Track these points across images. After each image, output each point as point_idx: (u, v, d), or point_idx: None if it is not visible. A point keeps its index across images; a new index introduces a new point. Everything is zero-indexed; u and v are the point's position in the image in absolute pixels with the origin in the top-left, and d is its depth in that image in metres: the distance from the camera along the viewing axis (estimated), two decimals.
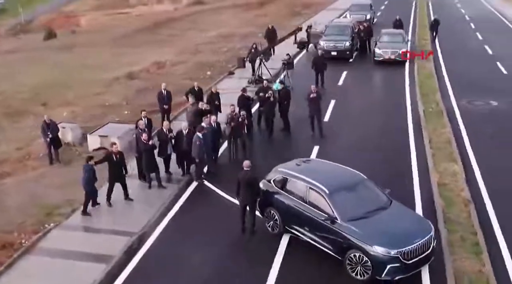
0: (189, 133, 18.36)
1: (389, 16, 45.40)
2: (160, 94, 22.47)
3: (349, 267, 12.87)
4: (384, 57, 33.21)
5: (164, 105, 22.33)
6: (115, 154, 16.73)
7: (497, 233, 14.69)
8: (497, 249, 13.98)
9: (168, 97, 22.47)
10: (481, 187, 17.24)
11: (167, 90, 22.55)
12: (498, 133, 21.71)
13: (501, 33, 44.89)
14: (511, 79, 30.02)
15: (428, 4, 63.42)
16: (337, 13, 55.72)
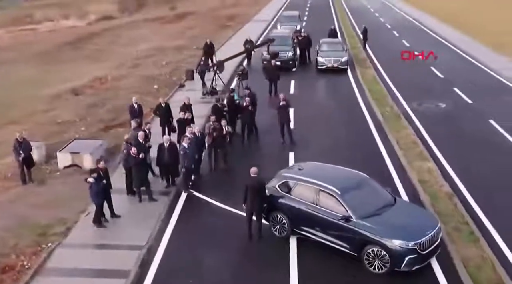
0: (170, 145, 18.44)
1: (315, 26, 46.87)
2: (131, 108, 22.33)
3: (367, 262, 13.49)
4: (327, 66, 34.46)
5: (136, 118, 22.16)
6: (101, 170, 16.55)
7: (484, 221, 15.82)
8: (489, 235, 15.06)
9: (139, 110, 22.36)
10: (458, 182, 18.45)
11: (138, 104, 22.42)
12: (454, 132, 23.25)
13: (423, 39, 47.52)
14: (447, 81, 31.91)
15: (348, 14, 65.87)
16: (263, 25, 56.90)
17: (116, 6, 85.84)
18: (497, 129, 23.47)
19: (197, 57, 40.43)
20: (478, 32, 47.47)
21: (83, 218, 16.71)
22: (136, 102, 22.44)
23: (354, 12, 67.80)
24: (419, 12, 65.67)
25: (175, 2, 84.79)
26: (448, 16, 58.47)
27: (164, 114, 21.41)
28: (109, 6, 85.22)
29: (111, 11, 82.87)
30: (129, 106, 22.57)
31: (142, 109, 22.71)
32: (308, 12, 66.63)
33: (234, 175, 19.65)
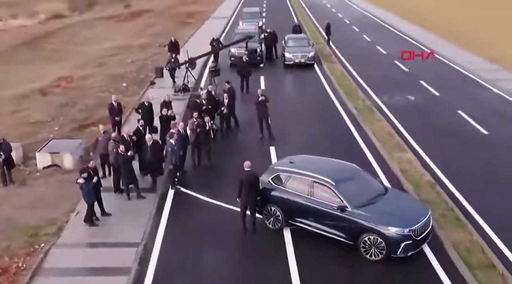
0: (153, 144, 18.49)
1: (275, 22, 47.18)
2: (111, 106, 22.20)
3: (364, 250, 13.94)
4: (295, 61, 34.92)
5: (115, 117, 22.11)
6: (92, 170, 16.52)
7: (468, 208, 16.49)
8: (475, 221, 15.73)
9: (119, 109, 22.26)
10: (437, 171, 19.10)
11: (118, 102, 22.32)
12: (427, 124, 24.03)
13: (382, 34, 48.53)
14: (412, 75, 32.80)
15: (306, 10, 66.55)
16: (224, 22, 57.03)
17: (66, 5, 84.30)
18: (466, 120, 24.34)
19: (162, 55, 40.47)
20: (438, 29, 48.66)
21: (74, 218, 16.63)
22: (116, 100, 22.33)
23: (311, 8, 68.55)
24: (376, 7, 66.85)
25: (128, 0, 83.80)
26: (406, 12, 59.72)
27: (146, 113, 21.36)
28: (58, 5, 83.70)
29: (61, 9, 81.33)
30: (109, 105, 22.43)
31: (121, 108, 22.62)
32: (266, 8, 66.94)
33: (218, 171, 19.90)
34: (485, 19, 51.40)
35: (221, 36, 47.51)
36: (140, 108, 21.84)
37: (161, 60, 38.99)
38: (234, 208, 16.67)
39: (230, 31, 48.88)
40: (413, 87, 29.85)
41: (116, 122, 22.20)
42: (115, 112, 22.06)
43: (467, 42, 41.23)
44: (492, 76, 31.84)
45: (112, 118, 22.19)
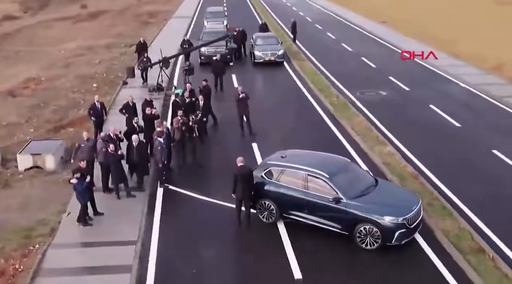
0: (139, 144, 18.56)
1: (238, 21, 47.39)
2: (93, 106, 22.04)
3: (359, 240, 14.39)
4: (265, 59, 35.30)
5: (97, 118, 21.94)
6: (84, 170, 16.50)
7: (452, 197, 17.12)
8: (459, 209, 16.38)
9: (102, 109, 22.09)
10: (418, 163, 19.75)
11: (100, 102, 22.16)
12: (402, 117, 24.77)
13: (346, 32, 49.29)
14: (381, 71, 33.56)
15: (267, 8, 66.98)
16: (187, 21, 56.99)
17: (17, 6, 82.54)
18: (439, 113, 25.15)
19: (129, 55, 40.33)
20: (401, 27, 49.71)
21: (66, 218, 16.55)
22: (98, 100, 22.17)
23: (272, 6, 69.01)
24: (336, 6, 67.72)
25: (82, 1, 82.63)
26: (367, 11, 60.71)
27: (131, 114, 21.34)
28: (9, 6, 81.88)
29: (13, 10, 79.58)
30: (91, 105, 22.26)
31: (104, 107, 22.43)
32: (226, 8, 66.96)
33: (204, 168, 20.12)
34: (442, 16, 52.67)
35: (186, 35, 47.56)
36: (124, 108, 21.75)
37: (128, 60, 38.91)
38: (225, 204, 17.01)
39: (195, 30, 49.04)
40: (384, 83, 30.58)
41: (99, 123, 21.99)
42: (98, 112, 21.88)
43: (430, 39, 42.26)
44: (458, 71, 32.87)
45: (97, 119, 21.93)
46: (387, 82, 30.93)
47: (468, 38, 40.88)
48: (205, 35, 37.14)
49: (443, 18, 47.95)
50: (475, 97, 28.02)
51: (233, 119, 23.79)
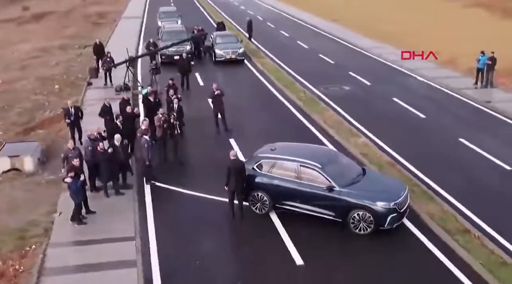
0: (122, 144, 18.71)
1: (190, 21, 47.62)
2: (67, 111, 21.68)
3: (353, 226, 15.08)
4: (226, 57, 35.76)
5: (73, 122, 21.59)
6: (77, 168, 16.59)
7: (430, 182, 18.07)
8: (439, 193, 17.33)
9: (76, 113, 21.66)
10: (392, 152, 20.66)
11: (75, 106, 21.80)
12: (369, 110, 25.74)
13: (298, 30, 50.15)
14: (339, 67, 34.60)
15: (216, 8, 67.26)
16: (138, 21, 56.74)
17: None
18: (403, 106, 26.26)
19: (85, 57, 40.04)
20: (350, 23, 51.02)
21: (58, 218, 16.55)
22: (72, 106, 21.69)
23: (220, 5, 69.36)
24: (283, 4, 68.61)
25: (23, 2, 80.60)
26: (316, 9, 61.83)
27: (111, 115, 21.38)
28: None
29: None
30: (64, 110, 21.83)
31: (80, 111, 22.04)
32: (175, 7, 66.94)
33: (186, 164, 20.40)
34: (388, 12, 54.19)
35: (140, 35, 47.58)
36: (103, 111, 21.66)
37: (86, 61, 38.62)
38: (213, 197, 17.50)
39: (148, 30, 48.99)
40: (345, 78, 31.55)
41: (75, 127, 21.67)
42: (71, 115, 21.49)
43: (379, 35, 43.59)
44: (413, 65, 34.17)
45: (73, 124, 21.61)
46: (348, 77, 31.90)
47: (418, 34, 42.36)
48: (165, 35, 37.29)
49: (393, 15, 49.43)
50: (434, 89, 29.32)
51: (205, 117, 24.19)
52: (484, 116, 24.98)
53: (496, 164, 19.48)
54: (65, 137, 23.17)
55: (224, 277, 13.66)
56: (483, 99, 26.95)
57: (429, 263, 13.88)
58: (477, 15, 41.71)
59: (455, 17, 43.10)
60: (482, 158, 20.09)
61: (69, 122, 21.71)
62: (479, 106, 26.25)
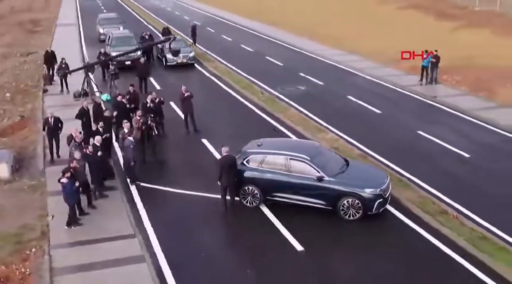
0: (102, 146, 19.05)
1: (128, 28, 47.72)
2: (46, 121, 21.33)
3: (342, 212, 16.16)
4: (177, 61, 36.28)
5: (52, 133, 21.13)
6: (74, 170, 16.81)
7: (401, 171, 19.46)
8: (412, 181, 18.73)
9: (55, 123, 21.11)
10: (360, 145, 21.96)
11: (54, 117, 21.27)
12: (328, 108, 27.01)
13: (239, 34, 50.98)
14: (289, 68, 35.77)
15: (151, 14, 67.19)
16: (74, 28, 56.07)
17: None
18: (359, 103, 27.73)
19: (31, 64, 39.46)
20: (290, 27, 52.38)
21: (52, 221, 16.70)
22: (52, 116, 21.25)
23: (155, 12, 69.30)
24: (218, 10, 69.30)
25: None
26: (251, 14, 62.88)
27: (88, 118, 21.53)
28: None
29: None
30: (45, 120, 21.40)
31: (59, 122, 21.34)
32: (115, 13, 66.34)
33: (165, 164, 20.99)
34: (325, 16, 55.97)
35: (81, 42, 47.19)
36: (81, 114, 21.75)
37: (32, 69, 38.14)
38: (200, 194, 18.21)
39: (88, 37, 48.67)
40: (297, 79, 32.76)
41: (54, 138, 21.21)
42: (50, 125, 20.99)
43: (320, 38, 45.21)
44: (358, 65, 35.93)
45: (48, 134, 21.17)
46: (300, 78, 33.14)
47: (355, 35, 44.21)
48: (114, 40, 37.36)
49: (330, 19, 51.18)
50: (384, 87, 31.01)
51: (172, 118, 24.73)
52: (434, 110, 26.79)
53: (456, 152, 21.12)
54: (33, 144, 23.16)
55: (231, 265, 14.40)
56: (431, 95, 28.80)
57: (418, 242, 15.16)
58: (413, 17, 43.99)
59: (392, 19, 45.26)
60: (442, 147, 21.68)
61: (48, 133, 21.15)
62: (428, 101, 28.07)
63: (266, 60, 38.48)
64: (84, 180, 17.04)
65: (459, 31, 37.46)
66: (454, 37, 36.30)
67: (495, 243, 14.87)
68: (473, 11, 41.99)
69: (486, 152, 21.23)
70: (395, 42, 39.35)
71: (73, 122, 21.51)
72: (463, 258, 14.19)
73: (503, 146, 21.85)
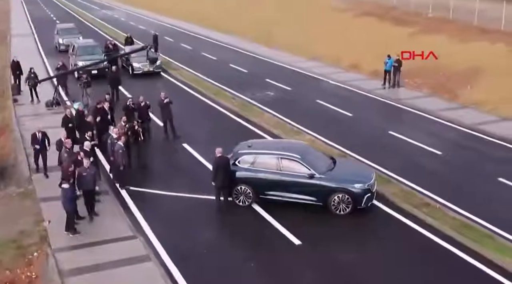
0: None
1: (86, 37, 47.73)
2: (34, 137, 20.65)
3: (333, 208, 17.03)
4: (144, 70, 36.61)
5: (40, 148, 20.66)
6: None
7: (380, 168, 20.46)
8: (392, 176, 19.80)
9: (43, 139, 20.58)
10: (336, 145, 22.94)
11: (42, 132, 20.72)
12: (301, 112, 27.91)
13: (197, 42, 51.14)
14: (255, 75, 36.59)
15: (106, 24, 66.90)
16: (31, 39, 55.44)
17: None
18: (329, 106, 28.84)
19: None
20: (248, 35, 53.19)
21: (49, 226, 16.88)
22: (40, 131, 20.75)
23: (109, 22, 68.94)
24: (168, 18, 69.40)
25: None
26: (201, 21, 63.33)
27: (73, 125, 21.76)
28: None
29: None
30: (32, 135, 20.80)
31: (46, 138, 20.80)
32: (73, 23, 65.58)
33: (150, 169, 21.39)
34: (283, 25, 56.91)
35: (40, 52, 46.79)
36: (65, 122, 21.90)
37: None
38: (190, 195, 18.79)
39: (46, 48, 48.25)
40: (265, 85, 33.62)
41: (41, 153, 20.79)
42: (39, 142, 20.53)
43: (280, 45, 46.16)
44: (320, 70, 37.13)
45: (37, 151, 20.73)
46: (267, 84, 34.00)
47: (318, 42, 45.27)
48: (80, 50, 37.39)
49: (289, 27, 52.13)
50: (350, 91, 32.23)
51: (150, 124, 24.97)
52: (402, 112, 28.13)
53: (428, 150, 22.35)
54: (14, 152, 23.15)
55: (234, 259, 15.03)
56: (396, 97, 30.15)
57: (406, 233, 16.17)
58: (370, 23, 45.53)
59: (350, 26, 46.69)
60: (415, 146, 22.92)
61: (36, 149, 20.73)
62: (395, 104, 29.41)
63: (231, 68, 39.18)
64: (90, 189, 17.09)
65: (416, 36, 39.12)
66: (412, 41, 37.91)
67: (478, 230, 15.98)
68: (427, 18, 43.87)
69: (456, 149, 22.57)
70: (355, 47, 40.72)
71: (52, 131, 21.67)
72: (451, 245, 15.26)
73: (470, 143, 23.26)
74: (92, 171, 17.00)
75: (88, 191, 16.99)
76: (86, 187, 16.80)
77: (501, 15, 37.15)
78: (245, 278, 14.18)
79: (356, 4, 56.39)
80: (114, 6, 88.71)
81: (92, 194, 17.22)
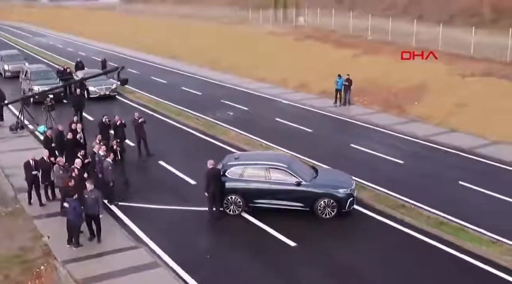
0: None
1: None
2: (27, 164, 20.18)
3: (319, 212, 18.45)
4: (100, 94, 37.15)
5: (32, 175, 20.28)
6: None
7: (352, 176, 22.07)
8: (364, 184, 21.46)
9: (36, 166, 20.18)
10: (306, 159, 24.33)
11: (34, 160, 20.22)
12: (264, 129, 29.23)
13: (142, 66, 51.60)
14: (209, 96, 37.76)
15: (47, 52, 66.31)
16: None
17: None
18: (287, 124, 30.51)
19: None
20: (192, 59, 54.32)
21: (50, 241, 17.35)
22: (33, 159, 20.28)
23: (47, 49, 68.28)
24: (107, 44, 69.62)
25: None
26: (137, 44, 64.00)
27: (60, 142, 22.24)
28: None
29: None
30: (25, 163, 20.29)
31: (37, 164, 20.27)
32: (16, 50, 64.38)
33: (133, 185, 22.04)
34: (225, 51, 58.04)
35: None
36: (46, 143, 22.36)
37: None
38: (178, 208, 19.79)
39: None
40: (222, 105, 34.88)
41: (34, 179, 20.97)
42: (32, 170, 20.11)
43: (225, 69, 47.64)
44: (271, 91, 38.91)
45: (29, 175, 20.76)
46: (223, 104, 35.29)
47: (261, 64, 46.82)
48: (33, 74, 37.53)
49: (228, 50, 53.65)
50: (304, 110, 34.00)
51: None
52: (358, 127, 30.10)
53: (391, 160, 24.25)
54: None
55: (238, 262, 16.10)
56: (349, 114, 32.15)
57: (389, 231, 17.79)
58: (313, 46, 47.69)
59: (293, 49, 48.74)
60: (377, 157, 24.78)
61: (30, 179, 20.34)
62: (349, 120, 31.39)
63: (183, 90, 40.21)
64: (93, 214, 17.16)
65: (359, 58, 41.56)
66: (356, 62, 40.28)
67: (452, 226, 17.79)
68: (367, 41, 46.57)
69: (416, 158, 24.61)
70: (301, 69, 42.69)
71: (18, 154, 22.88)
72: (432, 239, 16.98)
73: (427, 153, 25.37)
74: (93, 195, 17.13)
75: (91, 215, 17.20)
76: (88, 211, 17.10)
77: (436, 37, 40.10)
78: (253, 277, 15.30)
79: (293, 29, 58.78)
80: (43, 33, 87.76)
81: (96, 220, 17.32)
